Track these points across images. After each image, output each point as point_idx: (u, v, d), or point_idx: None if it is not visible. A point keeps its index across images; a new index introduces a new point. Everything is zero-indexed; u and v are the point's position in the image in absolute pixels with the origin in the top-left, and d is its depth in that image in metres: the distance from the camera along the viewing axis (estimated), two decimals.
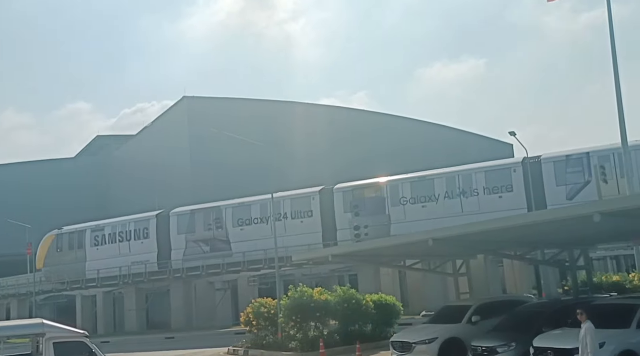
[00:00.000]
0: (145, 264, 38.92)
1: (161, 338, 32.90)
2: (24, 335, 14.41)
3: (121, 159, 66.98)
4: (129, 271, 39.19)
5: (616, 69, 20.53)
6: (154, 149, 59.68)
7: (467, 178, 31.65)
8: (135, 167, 61.59)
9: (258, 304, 22.27)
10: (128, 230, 40.69)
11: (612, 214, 10.99)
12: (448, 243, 15.12)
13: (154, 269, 38.99)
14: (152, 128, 62.78)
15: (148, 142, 62.07)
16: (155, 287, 41.37)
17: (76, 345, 13.01)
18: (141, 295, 41.64)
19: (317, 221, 34.86)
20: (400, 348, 16.00)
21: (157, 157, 58.35)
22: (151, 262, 39.06)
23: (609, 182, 26.83)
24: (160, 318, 41.61)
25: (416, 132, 60.94)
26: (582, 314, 11.00)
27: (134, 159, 63.41)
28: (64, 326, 13.67)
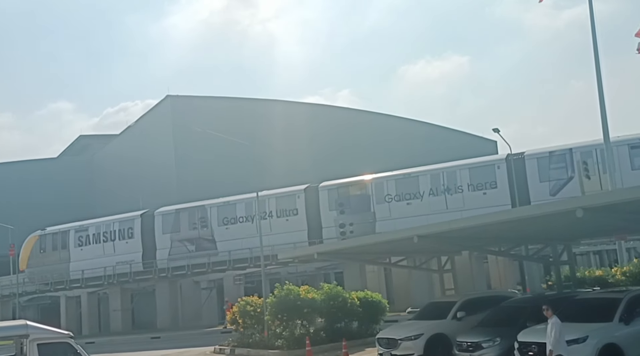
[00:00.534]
0: (131, 264, 38.68)
1: (147, 338, 32.76)
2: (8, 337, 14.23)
3: (105, 159, 66.40)
4: (114, 272, 38.92)
5: (598, 66, 20.79)
6: (138, 148, 59.25)
7: (451, 174, 31.81)
8: (119, 167, 61.09)
9: (244, 303, 22.27)
10: (112, 230, 40.44)
11: (594, 210, 11.09)
12: (433, 239, 15.19)
13: (139, 269, 38.78)
14: (136, 128, 62.30)
15: (132, 141, 61.60)
16: (141, 287, 41.16)
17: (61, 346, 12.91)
18: (126, 295, 41.37)
19: (303, 220, 34.86)
20: (386, 344, 16.07)
21: (141, 156, 57.92)
22: (136, 262, 38.83)
23: (591, 178, 27.09)
24: (146, 318, 41.38)
25: (400, 130, 61.08)
26: (548, 310, 11.09)
27: (118, 158, 62.89)
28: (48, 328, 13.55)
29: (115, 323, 40.33)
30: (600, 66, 20.76)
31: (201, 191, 42.66)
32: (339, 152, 53.99)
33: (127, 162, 59.40)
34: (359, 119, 61.44)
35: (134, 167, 57.40)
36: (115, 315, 40.53)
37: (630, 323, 12.14)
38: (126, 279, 39.12)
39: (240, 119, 52.57)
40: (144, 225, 39.43)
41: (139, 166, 56.78)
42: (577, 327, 12.15)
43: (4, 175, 61.90)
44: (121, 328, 39.31)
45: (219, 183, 45.93)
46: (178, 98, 56.21)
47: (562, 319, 12.87)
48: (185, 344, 26.48)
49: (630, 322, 12.15)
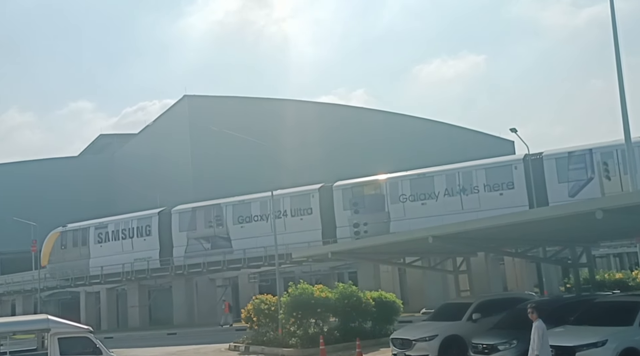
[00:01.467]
0: (148, 261, 39.02)
1: (163, 334, 33.02)
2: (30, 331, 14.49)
3: (124, 158, 67.09)
4: (132, 268, 39.29)
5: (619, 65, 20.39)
6: (156, 147, 59.75)
7: (467, 175, 31.53)
8: (137, 165, 61.70)
9: (258, 301, 22.30)
10: (131, 227, 40.85)
11: (614, 211, 10.90)
12: (448, 240, 15.03)
13: (156, 266, 39.13)
14: (154, 127, 62.82)
15: (150, 140, 62.13)
16: (158, 284, 41.52)
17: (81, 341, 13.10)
18: (144, 292, 41.78)
19: (317, 219, 34.83)
20: (400, 345, 15.95)
21: (159, 155, 58.42)
22: (153, 259, 39.17)
23: (612, 179, 26.72)
24: (163, 315, 41.74)
25: (416, 130, 60.82)
26: (532, 313, 10.88)
27: (136, 157, 63.52)
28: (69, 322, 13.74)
29: (133, 318, 40.73)
30: (621, 64, 20.39)
31: (217, 189, 42.88)
32: (353, 152, 53.90)
33: (145, 160, 59.99)
34: (373, 118, 61.32)
35: (151, 166, 57.94)
36: (133, 310, 40.94)
37: None
38: (144, 276, 39.45)
39: (255, 119, 52.81)
40: (161, 223, 39.75)
41: (157, 165, 57.30)
42: (596, 331, 11.95)
43: (26, 173, 62.88)
44: (139, 324, 39.70)
45: (235, 181, 46.11)
46: (195, 98, 56.57)
47: (580, 322, 12.70)
48: (201, 341, 26.61)
49: None
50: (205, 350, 23.29)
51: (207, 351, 22.74)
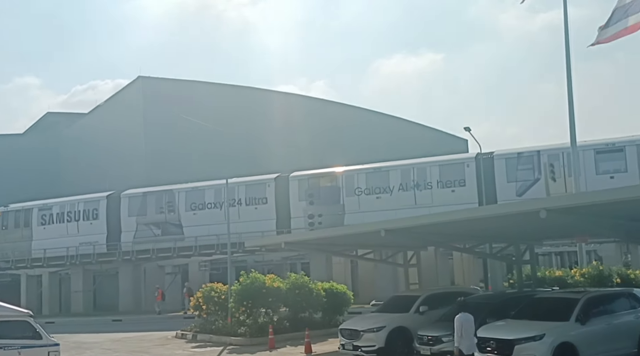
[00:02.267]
0: (94, 245, 38.20)
1: (108, 320, 32.44)
2: None
3: (72, 138, 65.01)
4: (77, 252, 38.37)
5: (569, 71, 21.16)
6: (107, 128, 58.13)
7: (421, 171, 32.10)
8: (86, 146, 59.87)
9: (208, 289, 22.23)
10: (77, 210, 39.87)
11: (557, 212, 11.31)
12: (400, 234, 15.32)
13: (103, 251, 38.33)
14: (105, 107, 61.13)
15: (101, 121, 60.43)
16: (104, 269, 40.65)
17: (19, 325, 12.76)
18: (88, 277, 40.81)
19: (272, 208, 34.82)
20: (348, 335, 16.20)
21: (109, 137, 56.85)
22: (100, 244, 38.35)
23: (557, 180, 27.64)
24: (108, 301, 40.92)
25: (373, 124, 61.30)
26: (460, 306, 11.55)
27: (85, 138, 61.61)
28: (7, 305, 13.34)
29: (77, 304, 39.82)
30: (571, 71, 21.14)
31: (170, 175, 42.21)
32: (312, 143, 53.92)
33: (94, 142, 58.28)
34: (334, 110, 61.46)
35: (101, 148, 56.40)
36: (77, 296, 40.01)
37: (586, 323, 12.47)
38: (89, 261, 38.61)
39: (212, 104, 52.09)
40: (109, 207, 38.96)
41: (107, 147, 55.80)
42: (535, 325, 12.44)
43: None
44: (82, 310, 38.85)
45: (188, 167, 45.53)
46: (150, 79, 55.31)
47: (521, 317, 13.20)
48: (147, 328, 26.26)
49: (586, 322, 12.48)
50: (150, 337, 23.01)
51: (152, 339, 22.46)
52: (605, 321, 12.86)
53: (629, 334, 13.01)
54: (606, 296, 13.86)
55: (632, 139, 27.81)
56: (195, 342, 20.92)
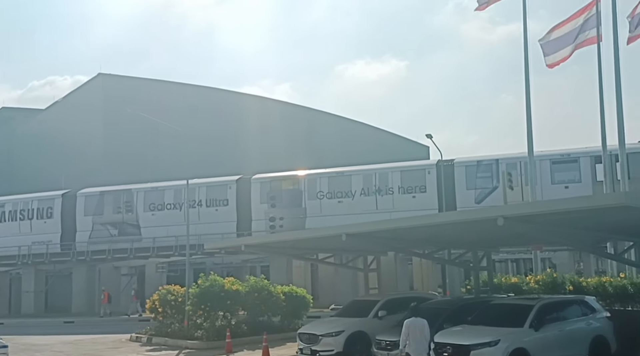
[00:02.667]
0: (48, 245, 37.18)
1: (60, 322, 31.59)
2: None
3: (28, 134, 63.14)
4: (29, 251, 37.33)
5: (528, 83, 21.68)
6: (64, 125, 56.66)
7: (383, 176, 32.37)
8: (42, 143, 58.29)
9: (165, 291, 21.88)
10: (31, 208, 38.80)
11: (514, 219, 11.51)
12: (360, 238, 15.36)
13: (57, 250, 37.36)
14: (64, 104, 59.69)
15: (58, 118, 58.93)
16: (57, 269, 39.62)
17: None
18: (41, 277, 39.67)
19: (233, 211, 34.56)
20: (307, 340, 16.15)
21: (67, 134, 55.42)
22: (54, 243, 37.36)
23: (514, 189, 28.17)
24: (60, 302, 39.86)
25: (337, 128, 61.57)
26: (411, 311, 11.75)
27: (42, 134, 59.97)
28: None
29: (27, 304, 38.65)
30: (530, 83, 21.66)
31: (128, 174, 41.50)
32: (274, 145, 53.80)
33: (51, 139, 56.79)
34: (297, 114, 61.47)
35: (58, 145, 54.97)
36: (28, 296, 38.83)
37: (540, 330, 12.72)
38: (42, 260, 37.61)
39: (174, 104, 51.41)
40: (64, 205, 38.05)
41: (64, 144, 54.40)
42: (491, 331, 12.63)
43: None
44: (33, 311, 37.76)
45: (148, 167, 44.83)
46: (110, 77, 54.34)
47: (477, 322, 13.39)
48: (101, 330, 25.68)
49: (539, 328, 12.73)
50: (104, 340, 22.48)
51: (105, 342, 21.94)
52: (557, 328, 13.14)
53: (580, 340, 13.33)
54: (559, 303, 14.14)
55: (586, 151, 28.64)
56: (150, 345, 20.53)
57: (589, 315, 14.02)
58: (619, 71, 19.15)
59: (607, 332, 13.84)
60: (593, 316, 14.05)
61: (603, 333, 13.77)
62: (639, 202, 10.52)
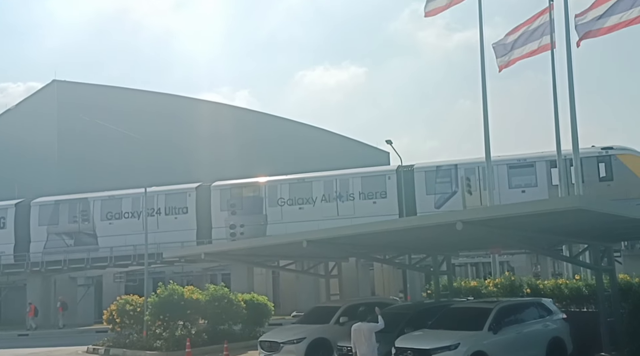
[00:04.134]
0: (0, 256, 35.95)
1: (14, 335, 30.64)
2: None
3: None
4: None
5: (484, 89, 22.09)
6: (18, 133, 55.03)
7: (344, 182, 32.45)
8: None
9: (123, 301, 21.42)
10: None
11: (473, 224, 11.64)
12: (322, 245, 15.33)
13: (10, 261, 36.16)
14: (16, 111, 57.97)
15: (10, 125, 57.07)
16: (10, 281, 38.38)
17: None
18: None
19: (192, 218, 34.08)
20: (268, 348, 16.01)
21: (20, 142, 53.82)
22: (7, 254, 36.17)
23: (473, 193, 28.68)
24: (14, 314, 38.64)
25: (297, 134, 61.54)
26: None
27: None
28: None
29: None
30: (486, 89, 22.07)
31: (84, 183, 40.52)
32: (235, 153, 53.42)
33: (4, 147, 54.99)
34: (258, 120, 61.21)
35: (11, 153, 53.23)
36: None
37: (498, 332, 12.89)
38: None
39: (131, 111, 50.52)
40: (18, 215, 36.89)
41: (18, 152, 52.74)
42: (450, 334, 12.74)
43: None
44: None
45: (104, 175, 43.88)
46: (65, 84, 53.05)
47: (437, 326, 13.49)
48: (57, 343, 24.99)
49: (498, 331, 12.90)
50: (60, 352, 21.89)
51: (62, 354, 21.41)
52: (516, 330, 13.34)
53: (537, 342, 13.57)
54: (517, 305, 14.36)
55: (542, 155, 29.32)
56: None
57: (546, 317, 14.28)
58: (572, 77, 19.66)
59: (564, 333, 14.13)
60: (550, 318, 14.32)
61: (560, 334, 14.05)
62: (592, 205, 10.78)
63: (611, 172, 28.38)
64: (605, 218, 11.65)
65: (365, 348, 11.64)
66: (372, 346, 11.74)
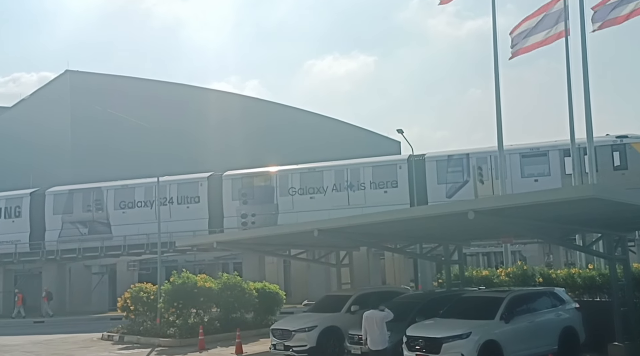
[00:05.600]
0: (16, 244, 36.42)
1: (29, 321, 31.07)
2: None
3: None
4: None
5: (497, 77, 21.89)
6: (32, 123, 55.59)
7: (355, 171, 32.45)
8: (9, 141, 56.98)
9: (137, 289, 21.67)
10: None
11: (484, 213, 11.60)
12: (333, 234, 15.36)
13: (26, 250, 36.63)
14: (30, 101, 58.46)
15: (25, 115, 57.71)
16: (26, 269, 38.93)
17: None
18: (10, 277, 38.98)
19: (204, 208, 34.29)
20: (280, 335, 16.12)
21: (34, 132, 54.39)
22: (22, 242, 36.63)
23: (485, 183, 28.56)
24: (31, 302, 39.13)
25: (308, 124, 61.50)
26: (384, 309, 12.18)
27: (8, 132, 58.63)
28: None
29: None
30: (499, 77, 21.89)
31: (98, 172, 40.89)
32: (246, 142, 53.55)
33: (18, 136, 55.56)
34: (268, 110, 61.23)
35: (26, 143, 53.83)
36: None
37: (510, 321, 12.88)
38: (10, 260, 36.86)
39: (143, 100, 50.75)
40: (33, 204, 37.32)
41: (32, 142, 53.31)
42: (462, 323, 12.75)
43: None
44: (2, 311, 37.02)
45: (117, 164, 44.18)
46: (78, 74, 53.39)
47: (449, 315, 13.52)
48: (72, 329, 25.31)
49: (510, 320, 12.88)
50: (74, 339, 22.16)
51: (76, 341, 21.63)
52: (528, 319, 13.32)
53: (550, 331, 13.55)
54: (529, 295, 14.32)
55: (555, 144, 29.10)
56: (122, 344, 20.30)
57: (559, 306, 14.24)
58: (586, 64, 19.40)
59: (576, 323, 14.09)
60: (562, 307, 14.28)
61: (572, 323, 14.01)
62: (606, 194, 10.70)
63: (626, 160, 28.12)
64: (619, 207, 11.57)
65: (376, 335, 11.78)
66: (384, 334, 11.86)
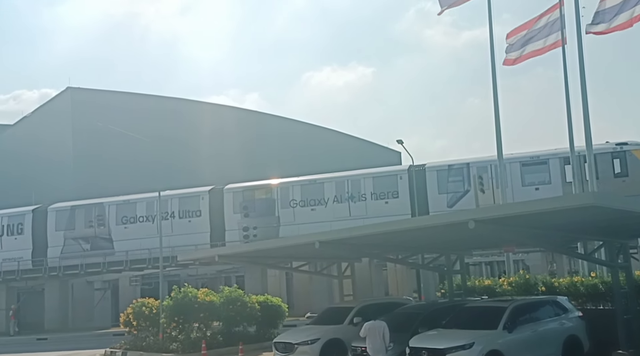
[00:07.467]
0: (19, 261, 36.42)
1: (32, 339, 30.98)
2: None
3: None
4: (0, 268, 36.45)
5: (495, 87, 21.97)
6: (34, 140, 55.78)
7: (355, 183, 32.47)
8: (11, 158, 57.13)
9: (139, 304, 21.59)
10: (0, 225, 37.97)
11: (485, 222, 11.60)
12: (334, 245, 15.35)
13: (28, 266, 36.63)
14: (32, 118, 58.73)
15: (27, 132, 57.90)
16: (29, 286, 38.87)
17: None
18: (12, 294, 38.88)
19: (206, 221, 34.29)
20: (283, 349, 16.07)
21: (36, 149, 54.55)
22: (25, 259, 36.64)
23: (485, 192, 28.52)
24: (33, 319, 39.08)
25: (307, 136, 61.61)
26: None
27: (10, 149, 58.83)
28: None
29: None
30: (497, 86, 21.96)
31: (99, 188, 40.97)
32: (246, 155, 53.65)
33: (20, 154, 55.73)
34: (267, 122, 61.39)
35: (28, 160, 53.96)
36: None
37: (513, 331, 12.82)
38: (13, 277, 36.83)
39: (143, 116, 50.96)
40: (35, 221, 37.38)
41: (34, 159, 53.45)
42: (465, 334, 12.70)
43: None
44: (4, 329, 36.87)
45: (118, 180, 44.26)
46: (79, 90, 53.69)
47: (451, 326, 13.46)
48: (74, 346, 25.25)
49: (513, 330, 12.83)
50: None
51: None
52: (531, 329, 13.27)
53: (553, 340, 13.48)
54: (532, 304, 14.26)
55: (555, 153, 29.11)
56: None
57: (562, 315, 14.18)
58: (584, 73, 19.47)
59: (580, 331, 14.02)
60: (565, 316, 14.22)
61: (576, 332, 13.94)
62: (606, 202, 10.70)
63: (626, 168, 28.12)
64: (620, 214, 11.56)
65: (378, 344, 11.78)
66: (385, 344, 11.87)
